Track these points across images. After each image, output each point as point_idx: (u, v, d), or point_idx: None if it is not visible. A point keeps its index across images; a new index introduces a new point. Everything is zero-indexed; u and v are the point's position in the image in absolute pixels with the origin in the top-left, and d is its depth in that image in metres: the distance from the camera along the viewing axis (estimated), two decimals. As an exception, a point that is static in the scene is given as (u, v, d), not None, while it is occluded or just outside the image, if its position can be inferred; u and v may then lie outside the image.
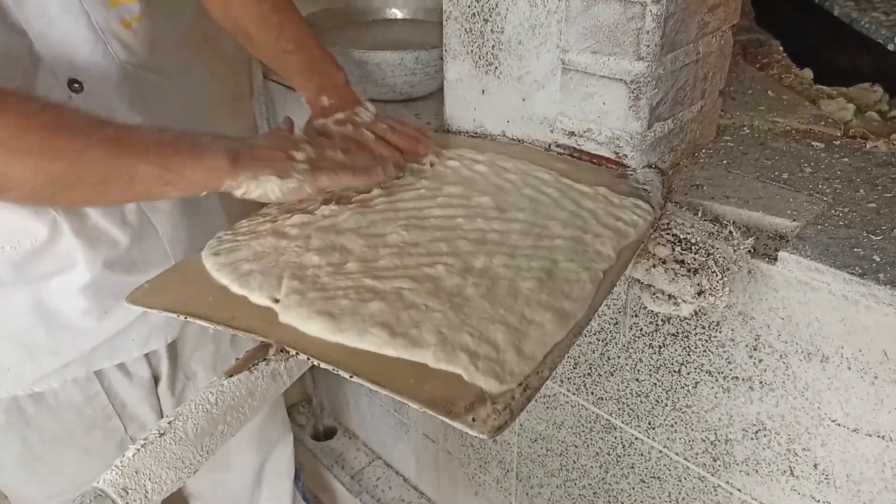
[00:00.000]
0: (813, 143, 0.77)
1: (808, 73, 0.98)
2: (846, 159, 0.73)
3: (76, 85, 0.63)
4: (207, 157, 0.55)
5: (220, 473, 0.95)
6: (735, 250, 0.58)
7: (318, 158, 0.61)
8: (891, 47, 0.88)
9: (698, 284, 0.55)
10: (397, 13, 1.14)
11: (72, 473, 0.77)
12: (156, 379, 0.81)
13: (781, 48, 1.05)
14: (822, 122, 0.82)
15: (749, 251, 0.59)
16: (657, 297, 0.59)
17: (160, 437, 0.41)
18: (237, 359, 0.48)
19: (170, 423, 0.42)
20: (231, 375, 0.46)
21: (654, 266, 0.58)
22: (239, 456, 0.96)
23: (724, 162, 0.73)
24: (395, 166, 0.66)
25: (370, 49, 0.90)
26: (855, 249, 0.57)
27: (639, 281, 0.61)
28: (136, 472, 0.39)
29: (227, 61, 1.12)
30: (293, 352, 0.48)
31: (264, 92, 1.13)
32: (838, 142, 0.77)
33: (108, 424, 0.77)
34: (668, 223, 0.62)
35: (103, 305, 0.69)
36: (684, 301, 0.57)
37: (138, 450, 0.40)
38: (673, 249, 0.58)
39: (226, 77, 1.13)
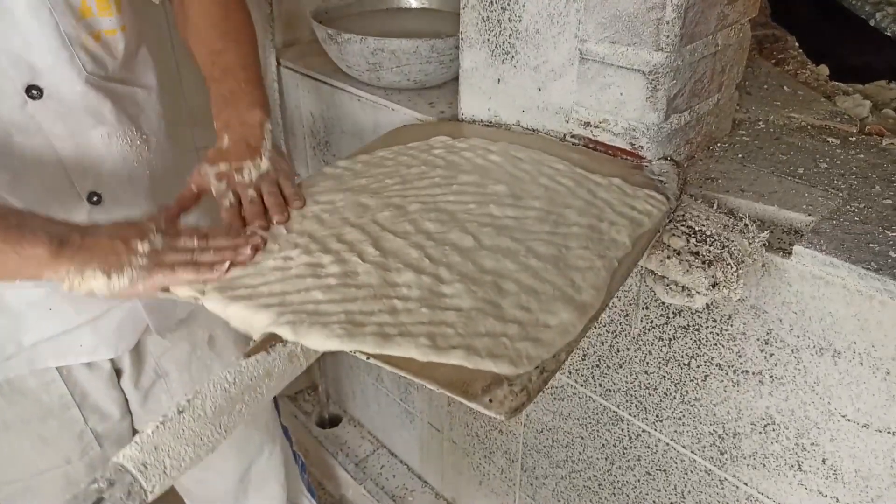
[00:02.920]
0: (828, 139, 0.76)
1: (823, 70, 0.97)
2: (862, 155, 0.73)
3: (35, 91, 0.61)
4: (25, 244, 0.49)
5: (201, 472, 0.91)
6: (750, 243, 0.58)
7: (163, 251, 0.54)
8: (872, 23, 0.90)
9: (713, 276, 0.55)
10: (412, 2, 1.14)
11: (27, 461, 0.75)
12: (118, 372, 0.79)
13: (797, 44, 1.05)
14: (838, 119, 0.81)
15: (764, 244, 0.59)
16: (671, 288, 0.59)
17: (179, 414, 0.41)
18: (253, 341, 0.48)
19: (189, 401, 0.42)
20: (249, 356, 0.46)
21: (668, 257, 0.58)
22: (219, 460, 0.93)
23: (740, 156, 0.73)
24: (253, 247, 0.58)
25: (384, 37, 0.90)
26: (870, 245, 0.57)
27: (652, 272, 0.61)
28: (156, 449, 0.40)
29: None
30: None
31: (277, 78, 1.13)
32: (854, 138, 0.77)
33: (66, 414, 0.75)
34: (684, 215, 0.62)
35: (48, 302, 0.68)
36: (698, 293, 0.57)
37: (157, 426, 0.41)
38: (688, 241, 0.58)
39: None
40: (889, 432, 0.57)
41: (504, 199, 0.63)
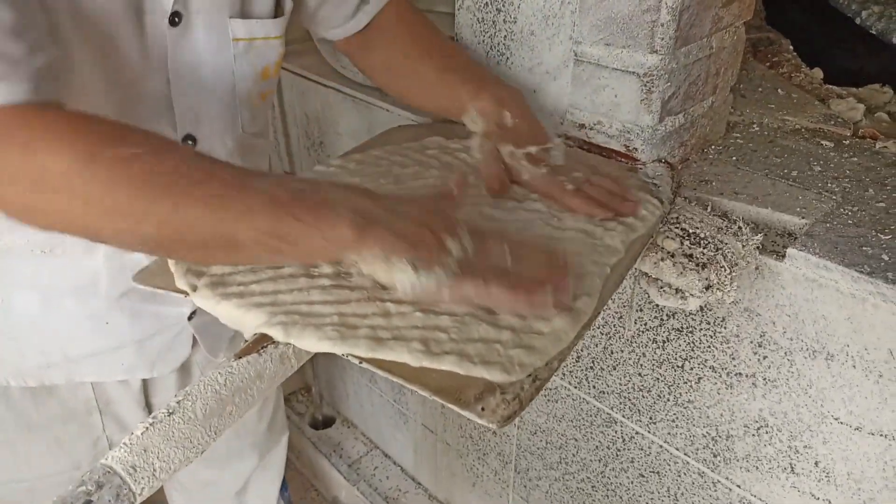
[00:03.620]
0: (822, 142, 0.76)
1: (817, 73, 0.98)
2: (855, 159, 0.73)
3: (190, 142, 0.61)
4: (327, 225, 0.44)
5: (216, 471, 0.92)
6: (744, 246, 0.58)
7: (475, 256, 0.47)
8: (857, 21, 0.90)
9: (706, 279, 0.55)
10: (407, 2, 1.14)
11: (39, 463, 0.74)
12: (147, 394, 0.77)
13: (791, 47, 1.05)
14: (832, 122, 0.81)
15: (758, 247, 0.59)
16: (664, 290, 0.59)
17: (169, 416, 0.41)
18: (245, 341, 0.48)
19: (178, 402, 0.42)
20: (240, 357, 0.46)
21: (662, 260, 0.58)
22: (240, 461, 0.93)
23: (734, 158, 0.73)
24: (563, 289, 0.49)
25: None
26: (863, 248, 0.57)
27: (646, 275, 0.61)
28: (145, 451, 0.39)
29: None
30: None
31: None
32: (848, 141, 0.77)
33: (88, 419, 0.74)
34: (678, 217, 0.62)
35: (107, 316, 0.67)
36: (692, 295, 0.57)
37: (147, 428, 0.40)
38: (682, 243, 0.58)
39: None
40: (882, 435, 0.57)
41: (499, 200, 0.63)
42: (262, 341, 0.47)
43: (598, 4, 0.64)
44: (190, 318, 0.72)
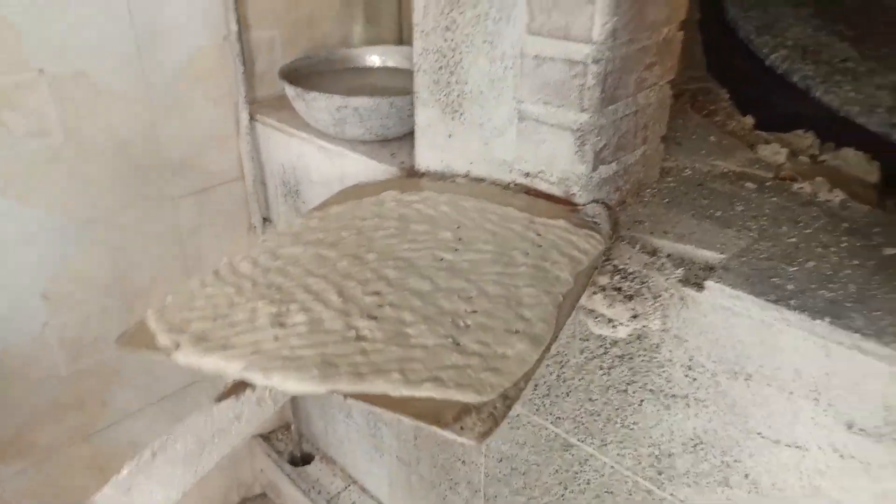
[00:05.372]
0: (746, 184, 0.85)
1: (748, 120, 1.07)
2: (774, 199, 0.81)
3: None
4: None
5: None
6: (666, 279, 0.65)
7: None
8: (767, 62, 0.98)
9: (633, 309, 0.63)
10: (375, 61, 1.23)
11: None
12: None
13: (728, 96, 1.15)
14: (757, 165, 0.90)
15: (679, 280, 0.66)
16: (598, 320, 0.66)
17: (152, 457, 0.46)
18: (226, 384, 0.53)
19: (161, 444, 0.47)
20: (219, 401, 0.51)
21: (595, 293, 0.65)
22: None
23: (666, 200, 0.81)
24: None
25: (349, 94, 0.98)
26: (772, 279, 0.64)
27: (583, 306, 0.68)
28: (129, 489, 0.44)
29: (214, 102, 1.19)
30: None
31: (250, 132, 1.20)
32: (770, 183, 0.85)
33: None
34: (610, 255, 0.70)
35: None
36: (621, 324, 0.64)
37: (132, 469, 0.45)
38: (612, 278, 0.65)
39: (214, 116, 1.20)
40: (796, 447, 0.64)
41: (456, 244, 0.70)
42: (240, 386, 0.52)
43: (535, 70, 0.72)
44: None
